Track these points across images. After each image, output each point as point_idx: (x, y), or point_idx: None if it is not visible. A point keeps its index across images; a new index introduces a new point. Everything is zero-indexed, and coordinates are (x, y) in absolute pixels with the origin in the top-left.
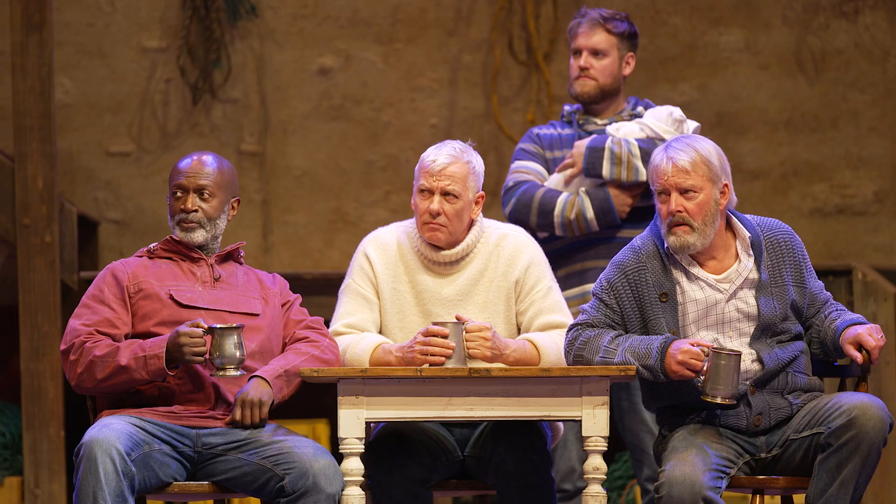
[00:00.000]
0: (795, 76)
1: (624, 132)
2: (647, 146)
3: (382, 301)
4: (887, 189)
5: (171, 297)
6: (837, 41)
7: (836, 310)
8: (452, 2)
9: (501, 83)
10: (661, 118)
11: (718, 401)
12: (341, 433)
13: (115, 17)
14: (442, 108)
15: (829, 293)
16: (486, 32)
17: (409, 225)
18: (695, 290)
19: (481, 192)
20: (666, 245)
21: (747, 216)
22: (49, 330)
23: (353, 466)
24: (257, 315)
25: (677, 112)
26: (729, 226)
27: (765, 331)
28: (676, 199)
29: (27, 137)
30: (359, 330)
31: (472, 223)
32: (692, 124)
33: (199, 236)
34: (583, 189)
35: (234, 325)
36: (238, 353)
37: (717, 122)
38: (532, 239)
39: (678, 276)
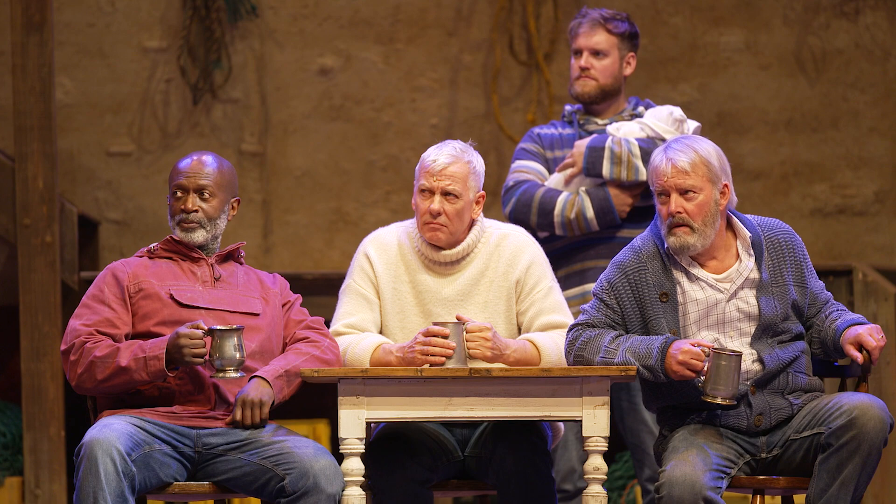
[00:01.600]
0: (796, 76)
1: (624, 132)
2: (648, 146)
3: (383, 301)
4: (888, 189)
5: (172, 297)
6: (838, 41)
7: (837, 310)
8: (453, 2)
9: (502, 83)
10: (661, 118)
11: (719, 401)
12: (342, 433)
13: (115, 17)
14: (442, 108)
15: (829, 293)
16: (486, 32)
17: (409, 225)
18: (695, 290)
19: (482, 192)
20: (666, 245)
21: (748, 216)
22: (49, 330)
23: (354, 466)
24: (258, 315)
25: (678, 112)
26: (729, 226)
27: (766, 331)
28: (676, 200)
29: (27, 137)
30: (359, 330)
31: (472, 223)
32: (692, 124)
33: (199, 236)
34: (583, 189)
35: (235, 326)
36: (238, 355)
37: (717, 122)
38: (533, 239)
39: (679, 276)
